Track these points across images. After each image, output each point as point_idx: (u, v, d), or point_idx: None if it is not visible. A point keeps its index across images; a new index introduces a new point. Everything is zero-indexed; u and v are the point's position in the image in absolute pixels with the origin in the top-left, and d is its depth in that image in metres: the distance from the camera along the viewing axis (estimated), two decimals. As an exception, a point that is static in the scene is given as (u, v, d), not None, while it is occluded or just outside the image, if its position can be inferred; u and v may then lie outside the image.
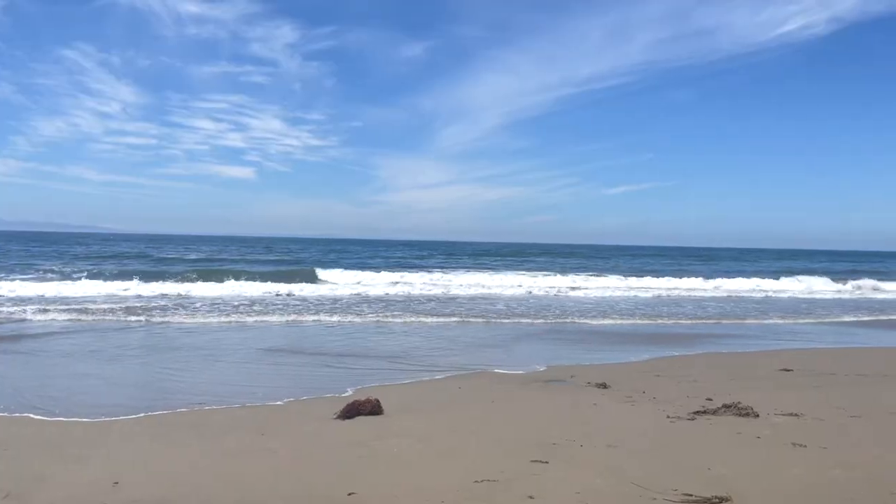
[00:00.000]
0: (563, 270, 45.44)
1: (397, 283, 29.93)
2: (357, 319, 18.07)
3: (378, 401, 7.98)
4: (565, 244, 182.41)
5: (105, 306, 18.62)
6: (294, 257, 57.49)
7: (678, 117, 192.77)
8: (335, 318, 17.94)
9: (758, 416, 7.74)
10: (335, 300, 22.90)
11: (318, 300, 22.66)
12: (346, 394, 9.17)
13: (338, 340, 14.56)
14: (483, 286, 30.43)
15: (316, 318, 17.98)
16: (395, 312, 19.63)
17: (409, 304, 22.47)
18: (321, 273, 33.33)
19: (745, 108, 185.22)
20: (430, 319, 18.55)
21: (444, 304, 23.14)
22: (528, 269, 46.25)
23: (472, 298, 25.47)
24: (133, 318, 16.80)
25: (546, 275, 40.29)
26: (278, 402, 8.67)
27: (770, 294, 32.31)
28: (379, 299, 23.73)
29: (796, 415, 7.86)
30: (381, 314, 19.19)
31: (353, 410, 7.75)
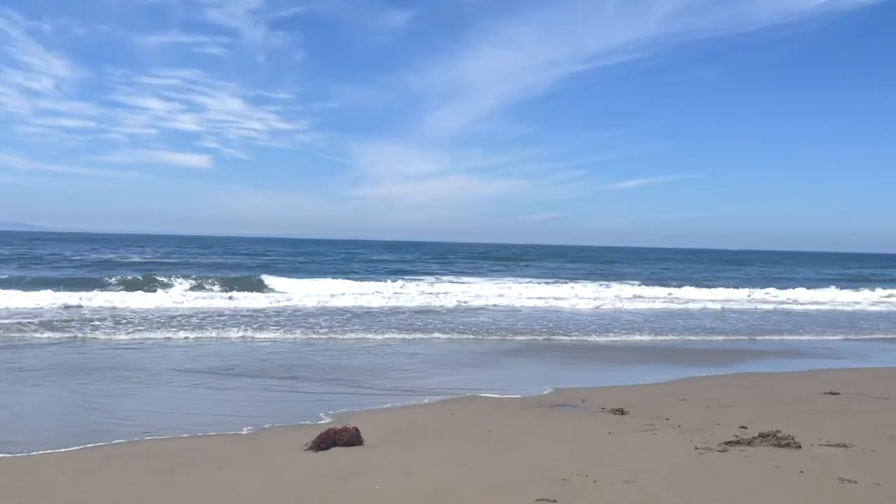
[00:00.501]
0: (573, 276, 45.67)
1: (366, 294, 29.55)
2: (317, 336, 18.04)
3: (357, 429, 7.95)
4: (572, 245, 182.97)
5: (16, 321, 18.34)
6: (256, 262, 57.41)
7: (703, 99, 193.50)
8: (296, 335, 17.89)
9: (800, 446, 7.76)
10: (294, 311, 22.92)
11: (276, 312, 22.63)
12: (321, 421, 9.14)
13: (306, 359, 14.53)
14: (479, 296, 30.41)
15: (273, 334, 17.94)
16: (357, 327, 19.61)
17: (378, 317, 22.41)
18: (274, 281, 33.18)
19: (781, 89, 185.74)
20: (414, 336, 18.55)
21: (430, 316, 23.12)
22: (529, 276, 46.39)
23: (471, 310, 25.50)
24: (55, 334, 16.62)
25: (550, 282, 40.40)
26: (240, 432, 8.63)
27: (833, 306, 32.29)
28: (345, 311, 23.68)
29: (844, 445, 7.89)
30: (347, 329, 19.16)
31: (329, 440, 7.71)
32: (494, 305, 27.31)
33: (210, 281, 32.14)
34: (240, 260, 59.42)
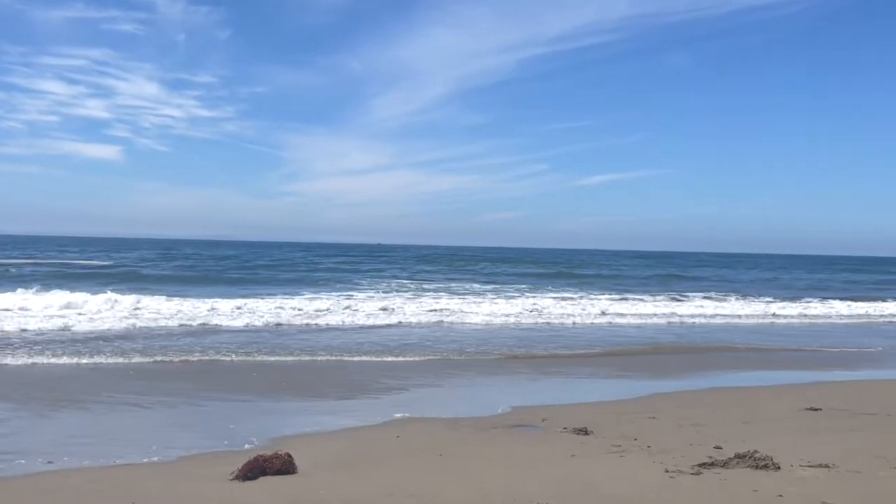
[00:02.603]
0: (535, 284, 45.57)
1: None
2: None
3: (290, 455, 7.89)
4: (531, 248, 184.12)
5: None
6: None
7: (676, 87, 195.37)
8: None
9: (779, 468, 7.92)
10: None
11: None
12: (247, 447, 9.04)
13: (231, 373, 14.36)
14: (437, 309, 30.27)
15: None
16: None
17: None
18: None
19: (764, 77, 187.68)
20: (310, 357, 18.48)
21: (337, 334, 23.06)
22: (474, 283, 46.16)
23: (401, 325, 25.44)
24: None
25: (507, 289, 40.54)
26: (153, 459, 8.50)
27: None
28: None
29: (827, 466, 8.07)
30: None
31: (257, 469, 7.63)
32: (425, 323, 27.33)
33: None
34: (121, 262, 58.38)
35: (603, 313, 29.23)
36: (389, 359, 17.03)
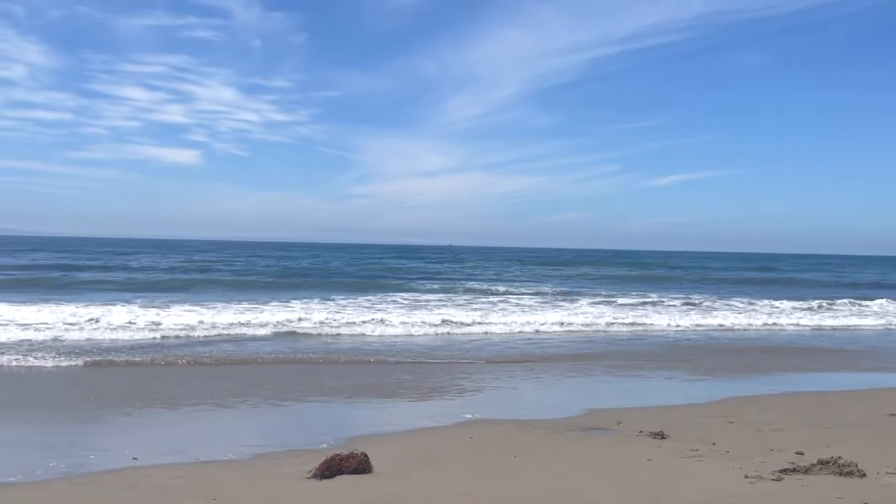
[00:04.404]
0: (619, 288, 44.23)
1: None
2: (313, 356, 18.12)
3: (366, 455, 8.00)
4: (602, 249, 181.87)
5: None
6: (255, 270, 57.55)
7: (749, 86, 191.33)
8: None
9: (864, 475, 7.73)
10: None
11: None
12: (324, 446, 9.19)
13: (307, 375, 14.61)
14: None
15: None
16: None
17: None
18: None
19: (838, 75, 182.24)
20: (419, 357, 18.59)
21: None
22: (560, 289, 45.91)
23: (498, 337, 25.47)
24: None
25: (585, 296, 40.15)
26: (233, 457, 8.70)
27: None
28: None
29: (915, 474, 7.86)
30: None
31: (334, 467, 7.76)
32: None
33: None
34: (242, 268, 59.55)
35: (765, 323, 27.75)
36: (466, 361, 17.13)
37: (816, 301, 36.20)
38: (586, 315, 27.53)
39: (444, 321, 24.38)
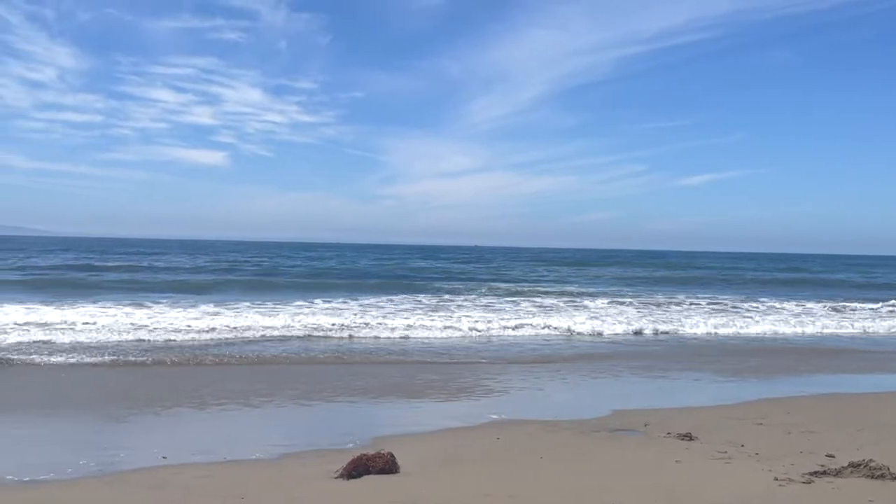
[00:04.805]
0: (646, 289, 43.85)
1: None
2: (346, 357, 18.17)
3: (392, 455, 8.02)
4: (628, 250, 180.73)
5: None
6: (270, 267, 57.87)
7: (778, 85, 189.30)
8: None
9: (896, 478, 7.66)
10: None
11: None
12: (350, 445, 9.23)
13: (333, 375, 14.67)
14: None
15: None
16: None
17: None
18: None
19: (869, 73, 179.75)
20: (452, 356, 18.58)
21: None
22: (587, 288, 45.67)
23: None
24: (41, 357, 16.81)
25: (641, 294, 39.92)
26: (260, 456, 8.76)
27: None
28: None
29: (948, 477, 7.76)
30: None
31: (361, 467, 7.79)
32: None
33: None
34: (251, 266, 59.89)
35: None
36: (491, 362, 17.13)
37: (846, 302, 35.81)
38: (611, 316, 27.43)
39: (469, 322, 24.35)
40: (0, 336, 18.03)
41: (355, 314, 25.17)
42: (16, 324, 20.22)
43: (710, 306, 32.55)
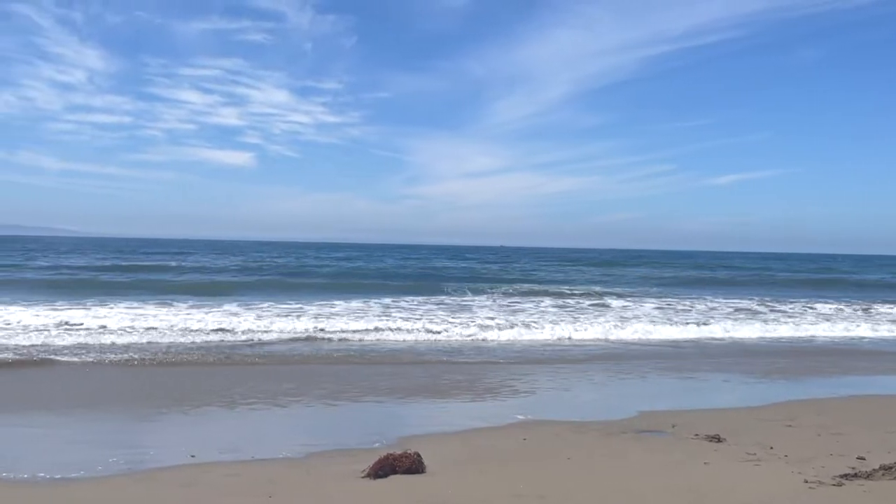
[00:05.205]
0: (675, 290, 43.41)
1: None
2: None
3: (419, 455, 8.04)
4: (655, 250, 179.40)
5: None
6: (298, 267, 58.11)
7: (806, 83, 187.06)
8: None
9: (929, 481, 7.57)
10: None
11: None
12: (376, 445, 9.27)
13: (360, 375, 14.73)
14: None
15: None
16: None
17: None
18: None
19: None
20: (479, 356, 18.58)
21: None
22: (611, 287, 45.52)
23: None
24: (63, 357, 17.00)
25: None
26: (287, 455, 8.82)
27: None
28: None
29: (983, 480, 7.66)
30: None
31: (387, 467, 7.81)
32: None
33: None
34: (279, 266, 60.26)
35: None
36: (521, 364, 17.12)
37: (878, 304, 35.38)
38: (639, 318, 27.30)
39: (494, 322, 24.36)
40: (30, 335, 18.34)
41: (382, 315, 25.25)
42: (45, 324, 20.57)
43: (739, 307, 32.29)
